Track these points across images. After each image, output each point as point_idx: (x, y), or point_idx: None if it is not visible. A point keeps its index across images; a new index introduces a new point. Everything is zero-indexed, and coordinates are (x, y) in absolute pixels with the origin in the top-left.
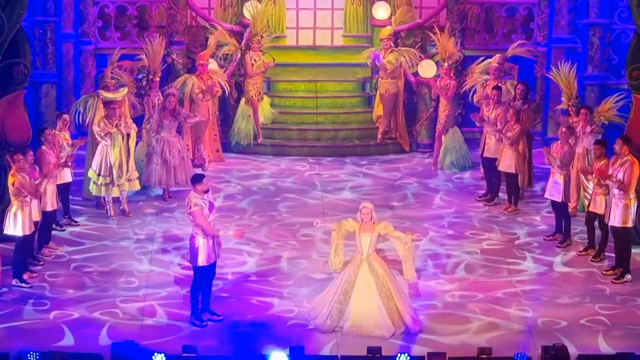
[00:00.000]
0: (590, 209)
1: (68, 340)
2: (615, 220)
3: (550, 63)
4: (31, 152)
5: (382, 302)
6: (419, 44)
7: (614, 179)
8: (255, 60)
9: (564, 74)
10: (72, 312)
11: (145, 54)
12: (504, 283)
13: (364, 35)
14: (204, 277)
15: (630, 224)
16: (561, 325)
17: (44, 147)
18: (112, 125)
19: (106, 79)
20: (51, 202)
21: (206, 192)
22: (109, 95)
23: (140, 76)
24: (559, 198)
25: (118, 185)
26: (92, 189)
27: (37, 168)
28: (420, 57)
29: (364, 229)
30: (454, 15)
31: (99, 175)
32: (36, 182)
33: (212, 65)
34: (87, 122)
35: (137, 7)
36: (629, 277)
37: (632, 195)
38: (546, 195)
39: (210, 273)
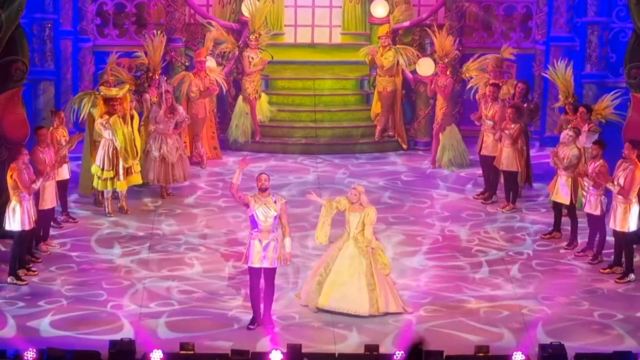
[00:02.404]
0: (585, 209)
1: (66, 338)
2: (615, 223)
3: (549, 61)
4: (27, 152)
5: (364, 277)
6: (417, 42)
7: (615, 183)
8: (252, 58)
9: (560, 72)
10: (71, 310)
11: (145, 52)
12: (501, 281)
13: (362, 33)
14: (251, 278)
15: (628, 229)
16: (559, 323)
17: (37, 147)
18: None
19: (106, 77)
20: (50, 200)
21: (264, 190)
22: (110, 93)
23: (138, 73)
24: (566, 200)
25: (123, 173)
26: (97, 184)
27: (31, 167)
28: (418, 55)
29: (353, 209)
30: (452, 13)
31: (102, 169)
32: (32, 180)
33: (210, 62)
34: (82, 119)
35: (135, 5)
36: (632, 276)
37: (634, 199)
38: (552, 197)
39: (257, 276)
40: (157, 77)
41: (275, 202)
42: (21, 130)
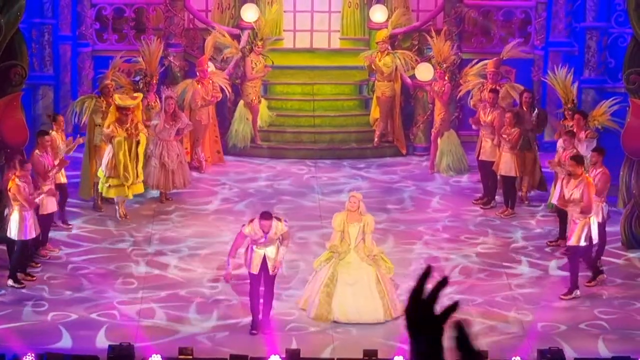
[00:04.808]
0: None
1: (66, 342)
2: (575, 239)
3: (547, 67)
4: (29, 164)
5: (374, 285)
6: (416, 47)
7: (572, 202)
8: (255, 64)
9: (560, 79)
10: (70, 314)
11: (142, 57)
12: (500, 287)
13: (361, 38)
14: (251, 283)
15: (583, 243)
16: (558, 329)
17: (37, 152)
18: (122, 130)
19: (106, 81)
20: (50, 205)
21: (267, 232)
22: (124, 103)
23: (137, 78)
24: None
25: (127, 187)
26: (102, 189)
27: (30, 178)
28: (416, 60)
29: (351, 219)
30: (451, 19)
31: (108, 177)
32: (32, 194)
33: (209, 68)
34: (83, 122)
35: (134, 10)
36: (577, 293)
37: (592, 213)
38: (553, 201)
39: (257, 282)
40: (155, 83)
41: (275, 232)
42: (20, 135)
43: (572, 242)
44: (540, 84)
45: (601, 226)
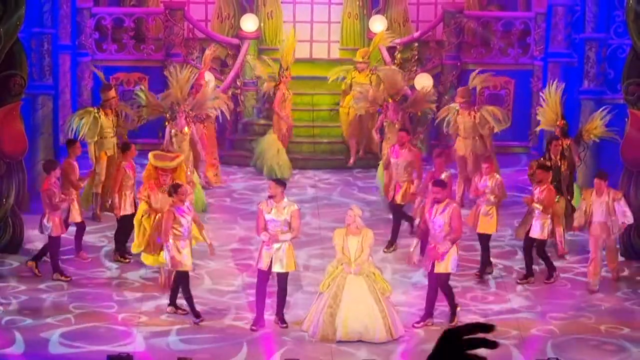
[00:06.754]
0: (530, 234)
1: (67, 348)
2: (442, 266)
3: (547, 77)
4: (59, 170)
5: (375, 303)
6: (416, 57)
7: (437, 227)
8: (286, 95)
9: (551, 94)
10: (70, 320)
11: (170, 83)
12: (497, 297)
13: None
14: (258, 280)
15: (450, 270)
16: (557, 339)
17: (69, 159)
18: (159, 192)
19: (109, 92)
20: (80, 213)
21: (271, 197)
22: (161, 164)
23: (137, 87)
24: (491, 230)
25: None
26: (145, 258)
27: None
28: (416, 70)
29: (350, 232)
30: (450, 29)
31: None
32: (58, 200)
33: (209, 77)
34: (81, 138)
35: (133, 19)
36: (430, 321)
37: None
38: (478, 229)
39: (264, 279)
40: (183, 110)
41: (284, 207)
42: (19, 144)
43: (445, 269)
44: (539, 95)
45: (542, 243)
